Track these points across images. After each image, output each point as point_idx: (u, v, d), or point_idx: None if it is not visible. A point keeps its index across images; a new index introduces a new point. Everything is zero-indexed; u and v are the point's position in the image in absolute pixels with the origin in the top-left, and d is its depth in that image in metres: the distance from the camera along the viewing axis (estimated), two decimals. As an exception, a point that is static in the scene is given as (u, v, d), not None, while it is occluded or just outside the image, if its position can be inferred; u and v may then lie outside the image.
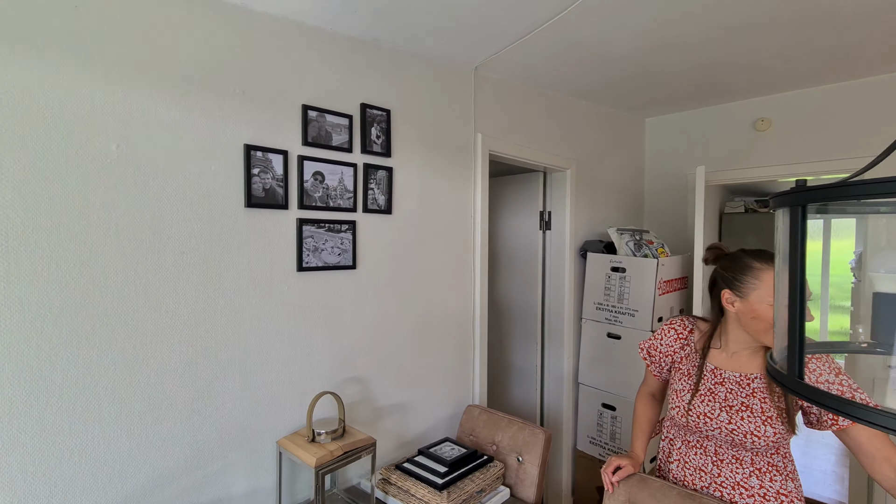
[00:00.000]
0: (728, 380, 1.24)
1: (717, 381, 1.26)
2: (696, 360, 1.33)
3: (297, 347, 1.66)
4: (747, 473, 1.23)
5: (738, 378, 1.22)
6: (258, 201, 1.54)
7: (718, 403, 1.23)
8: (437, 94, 2.06)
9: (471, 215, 2.21)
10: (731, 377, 1.23)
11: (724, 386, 1.24)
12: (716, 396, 1.24)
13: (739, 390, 1.21)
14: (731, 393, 1.22)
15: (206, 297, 1.46)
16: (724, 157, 2.96)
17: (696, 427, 1.27)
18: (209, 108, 1.45)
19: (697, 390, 1.28)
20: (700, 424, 1.26)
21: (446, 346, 2.12)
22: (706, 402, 1.25)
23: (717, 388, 1.25)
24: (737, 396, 1.21)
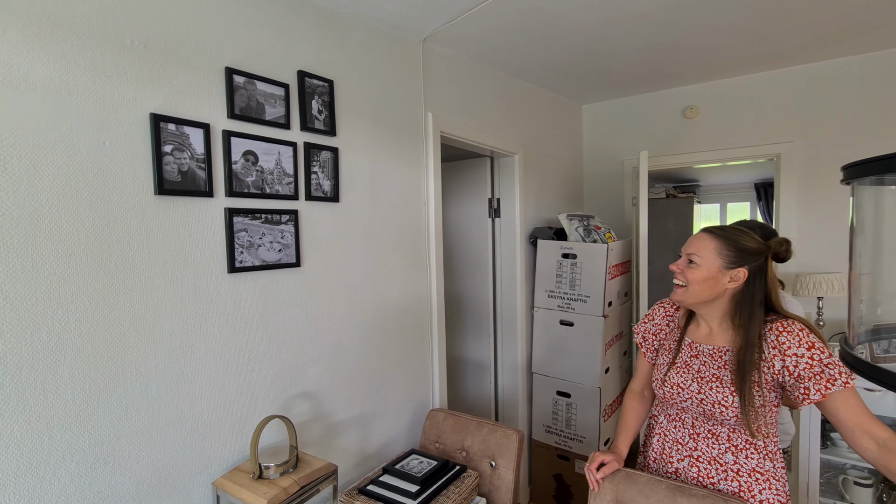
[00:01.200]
0: (703, 353, 1.23)
1: (692, 354, 1.25)
2: (677, 336, 1.32)
3: (233, 365, 1.35)
4: (723, 449, 1.21)
5: (712, 350, 1.22)
6: (173, 187, 1.21)
7: (692, 375, 1.22)
8: (384, 66, 1.80)
9: (424, 202, 2.00)
10: (705, 350, 1.23)
11: (698, 359, 1.23)
12: (690, 368, 1.24)
13: (712, 362, 1.20)
14: (704, 365, 1.22)
15: (105, 312, 1.11)
16: (656, 143, 3.03)
17: (671, 398, 1.26)
18: (99, 64, 1.09)
19: (674, 363, 1.27)
20: (674, 395, 1.25)
21: (403, 347, 1.90)
22: (681, 373, 1.25)
23: (692, 360, 1.24)
24: (709, 368, 1.20)
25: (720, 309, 1.21)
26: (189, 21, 1.25)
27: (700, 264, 1.17)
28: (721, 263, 1.15)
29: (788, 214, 2.61)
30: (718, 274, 1.16)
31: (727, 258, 1.15)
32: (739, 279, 1.15)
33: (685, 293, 1.20)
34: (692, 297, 1.19)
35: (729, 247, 1.15)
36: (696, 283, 1.17)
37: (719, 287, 1.17)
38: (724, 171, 4.53)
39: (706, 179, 5.04)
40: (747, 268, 1.15)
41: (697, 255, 1.18)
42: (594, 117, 3.26)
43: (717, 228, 1.21)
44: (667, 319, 1.38)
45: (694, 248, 1.19)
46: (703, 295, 1.18)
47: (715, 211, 5.50)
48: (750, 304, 1.15)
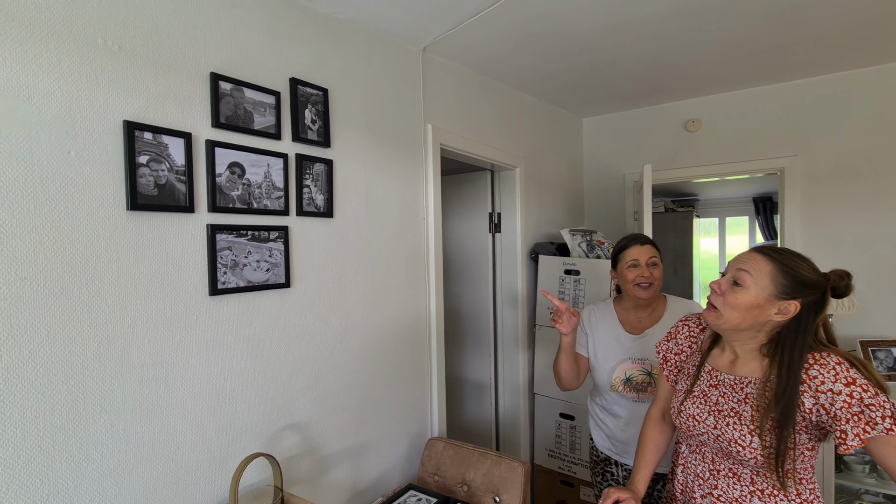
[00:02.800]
0: (723, 382, 1.08)
1: (711, 383, 1.10)
2: (696, 360, 1.18)
3: (213, 397, 1.21)
4: (745, 493, 1.06)
5: (733, 381, 1.06)
6: (149, 201, 1.08)
7: (709, 406, 1.08)
8: (382, 75, 1.69)
9: (423, 217, 1.88)
10: (726, 380, 1.07)
11: (717, 389, 1.08)
12: (707, 399, 1.09)
13: (732, 394, 1.05)
14: (723, 396, 1.06)
15: (65, 342, 0.96)
16: (657, 157, 2.93)
17: (687, 430, 1.13)
18: (65, 65, 0.97)
19: (692, 391, 1.13)
20: (690, 427, 1.11)
21: (400, 370, 1.76)
22: (697, 404, 1.10)
23: (710, 390, 1.09)
24: (728, 401, 1.05)
25: (755, 340, 1.04)
26: (170, 21, 1.13)
27: (748, 288, 0.98)
28: (772, 291, 0.97)
29: (793, 230, 2.51)
30: (766, 303, 0.97)
31: (781, 287, 0.96)
32: (789, 313, 0.96)
33: (719, 318, 1.02)
34: (728, 324, 1.02)
35: (785, 274, 0.97)
36: (738, 309, 0.99)
37: (763, 317, 0.99)
38: (722, 186, 4.46)
39: (705, 194, 4.97)
40: (800, 301, 0.96)
41: (749, 275, 0.99)
42: (594, 131, 3.17)
43: (773, 250, 1.01)
44: (690, 340, 1.24)
45: (746, 266, 1.00)
46: (742, 323, 1.00)
47: (714, 225, 5.41)
48: (793, 343, 0.97)
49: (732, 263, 1.04)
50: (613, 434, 1.57)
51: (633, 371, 1.50)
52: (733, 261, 1.05)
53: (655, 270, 1.49)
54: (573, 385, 1.57)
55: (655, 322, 1.52)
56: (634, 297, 1.50)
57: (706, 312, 1.06)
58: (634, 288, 1.49)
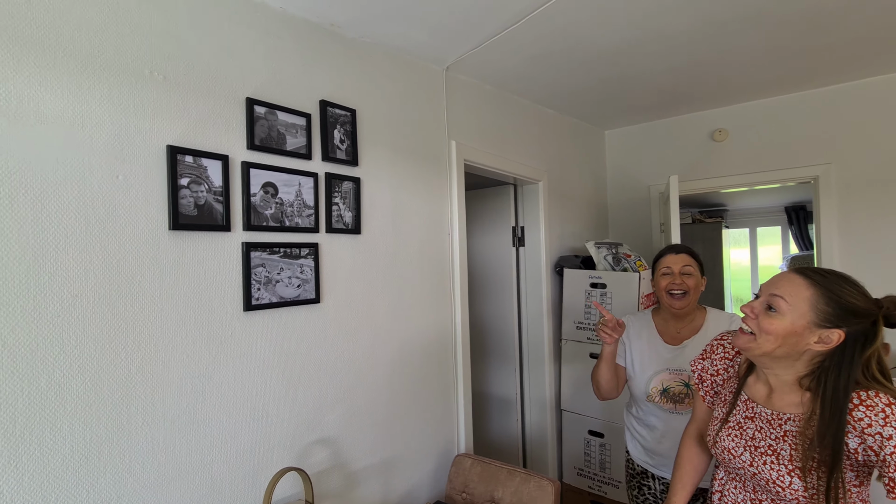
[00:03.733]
0: (759, 415, 0.99)
1: (748, 414, 1.02)
2: (734, 386, 1.11)
3: (247, 411, 1.23)
4: None
5: (770, 416, 0.97)
6: (189, 221, 1.13)
7: (744, 440, 1.00)
8: (407, 95, 1.74)
9: (448, 232, 1.90)
10: (762, 413, 0.99)
11: (753, 422, 1.00)
12: (743, 432, 1.01)
13: (769, 430, 0.97)
14: (759, 431, 0.99)
15: (111, 356, 1.01)
16: (683, 168, 2.89)
17: (722, 461, 1.06)
18: (115, 95, 1.03)
19: (727, 421, 1.06)
20: (726, 460, 1.04)
21: (427, 385, 1.76)
22: (732, 436, 1.03)
23: (746, 422, 1.02)
24: (765, 437, 0.97)
25: (792, 370, 0.94)
26: (210, 51, 1.19)
27: (784, 314, 0.89)
28: (812, 319, 0.87)
29: (830, 240, 2.42)
30: (805, 330, 0.88)
31: (822, 314, 0.87)
32: (831, 342, 0.87)
33: (752, 343, 0.94)
34: (759, 350, 0.93)
35: (829, 300, 0.87)
36: (773, 335, 0.90)
37: (801, 346, 0.89)
38: (752, 195, 4.34)
39: (734, 204, 4.84)
40: (845, 330, 0.86)
41: (784, 300, 0.89)
42: (617, 143, 3.15)
43: (815, 272, 0.91)
44: (726, 362, 1.17)
45: (781, 290, 0.91)
46: (777, 351, 0.92)
47: (744, 236, 5.25)
48: (836, 376, 0.87)
49: (767, 286, 0.96)
50: (650, 446, 1.54)
51: (671, 382, 1.47)
52: (769, 282, 0.96)
53: (689, 280, 1.46)
54: (612, 395, 1.56)
55: (694, 333, 1.49)
56: (668, 305, 1.48)
57: (737, 338, 0.97)
58: (667, 296, 1.47)
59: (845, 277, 0.90)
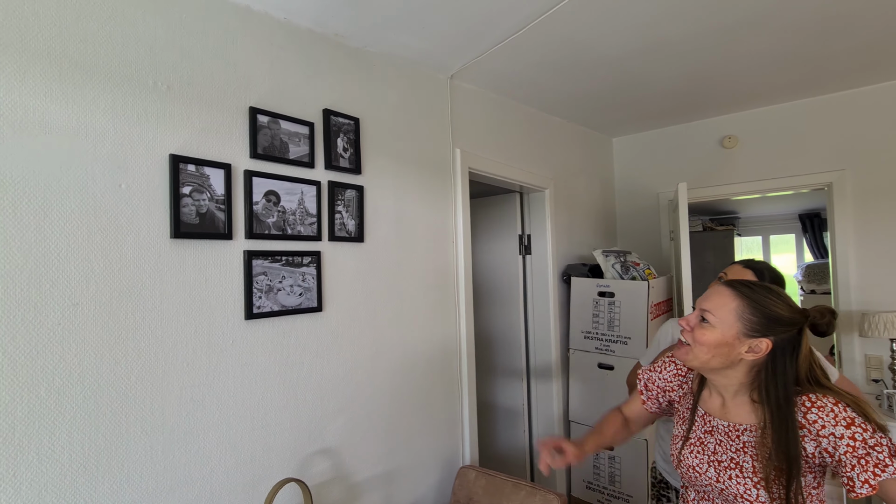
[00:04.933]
0: (717, 429, 1.01)
1: (706, 429, 1.04)
2: (689, 403, 1.12)
3: (247, 420, 1.23)
4: None
5: (727, 428, 1.00)
6: (191, 230, 1.13)
7: (707, 456, 1.02)
8: (411, 103, 1.74)
9: (452, 241, 1.88)
10: (720, 426, 1.01)
11: (713, 436, 1.02)
12: (705, 447, 1.03)
13: (729, 443, 0.99)
14: (720, 445, 1.00)
15: (111, 365, 1.01)
16: (692, 175, 2.85)
17: (690, 480, 1.07)
18: (119, 105, 1.04)
19: (688, 438, 1.06)
20: (692, 477, 1.05)
21: (431, 395, 1.74)
22: (695, 453, 1.04)
23: (706, 437, 1.03)
24: (726, 450, 0.99)
25: (734, 380, 0.98)
26: (214, 61, 1.21)
27: (714, 325, 0.94)
28: (740, 329, 0.93)
29: (845, 247, 2.36)
30: (735, 340, 0.93)
31: (749, 324, 0.93)
32: (760, 351, 0.92)
33: (689, 354, 0.98)
34: (696, 361, 0.97)
35: (754, 311, 0.93)
36: (705, 346, 0.95)
37: (733, 356, 0.94)
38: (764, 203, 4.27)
39: (746, 211, 4.76)
40: (772, 339, 0.92)
41: (713, 313, 0.95)
42: (625, 150, 3.13)
43: (744, 285, 0.98)
44: (679, 379, 1.16)
45: (710, 304, 0.97)
46: (711, 361, 0.96)
47: (757, 244, 5.16)
48: (774, 383, 0.92)
49: (701, 300, 1.01)
50: None
51: None
52: (702, 297, 1.02)
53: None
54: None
55: None
56: None
57: (677, 350, 1.02)
58: None
59: (771, 289, 0.95)
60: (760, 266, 1.42)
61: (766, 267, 1.43)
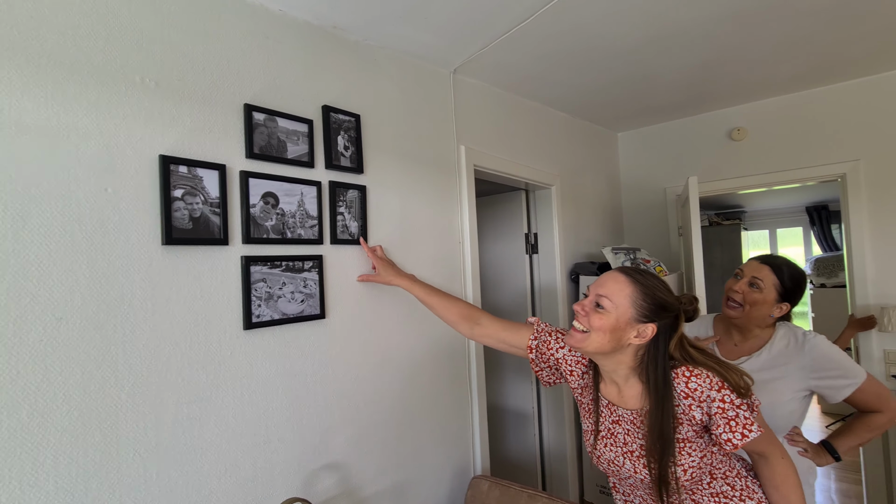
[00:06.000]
0: (623, 418, 1.01)
1: (613, 418, 1.03)
2: (591, 395, 1.09)
3: (248, 437, 1.15)
4: None
5: (631, 416, 1.00)
6: (183, 235, 1.05)
7: (619, 449, 1.02)
8: (413, 99, 1.66)
9: (458, 241, 1.81)
10: (624, 415, 1.01)
11: (620, 425, 1.02)
12: (616, 439, 1.02)
13: (635, 431, 0.99)
14: (628, 435, 1.00)
15: (99, 382, 0.93)
16: (700, 169, 2.77)
17: (612, 474, 1.06)
18: (103, 104, 0.96)
19: (598, 431, 1.06)
20: (613, 472, 1.05)
21: (439, 403, 1.66)
22: (609, 447, 1.03)
23: (615, 427, 1.03)
24: (634, 438, 0.99)
25: (623, 364, 0.99)
26: (206, 56, 1.13)
27: (609, 311, 0.95)
28: (633, 314, 0.94)
29: (860, 240, 2.28)
30: (627, 326, 0.95)
31: (641, 310, 0.94)
32: (646, 336, 0.95)
33: (584, 340, 0.97)
34: (591, 346, 0.97)
35: (646, 297, 0.94)
36: (601, 331, 0.95)
37: (623, 340, 0.96)
38: (771, 196, 4.18)
39: (752, 205, 4.68)
40: (657, 324, 0.95)
41: (609, 299, 0.95)
42: (631, 145, 3.05)
43: (637, 272, 0.98)
44: (582, 367, 1.12)
45: (606, 290, 0.97)
46: (605, 346, 0.96)
47: (764, 238, 5.07)
48: (655, 364, 0.95)
49: (595, 286, 1.00)
50: None
51: None
52: (596, 282, 1.00)
53: (754, 293, 1.27)
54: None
55: (753, 351, 1.31)
56: (724, 311, 1.35)
57: (569, 336, 1.01)
58: (725, 301, 1.34)
59: (656, 276, 0.99)
60: (779, 262, 1.34)
61: (785, 263, 1.34)
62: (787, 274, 1.30)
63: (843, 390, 1.21)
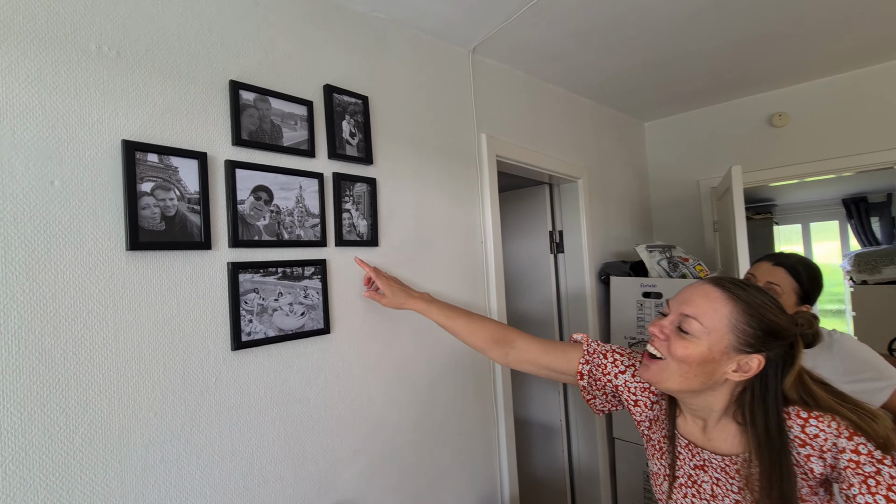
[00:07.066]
0: (710, 463, 0.78)
1: (696, 463, 0.80)
2: (665, 429, 0.85)
3: (238, 478, 0.94)
4: None
5: (723, 463, 0.76)
6: (154, 238, 0.84)
7: (705, 501, 0.78)
8: (428, 80, 1.44)
9: (480, 240, 1.58)
10: (711, 460, 0.77)
11: (706, 472, 0.79)
12: (700, 489, 0.79)
13: (728, 481, 0.76)
14: (718, 485, 0.77)
15: (45, 427, 0.73)
16: (737, 159, 2.50)
17: None
18: (48, 76, 0.76)
19: (675, 477, 0.83)
20: None
21: (462, 421, 1.44)
22: (690, 497, 0.80)
23: (698, 474, 0.80)
24: (726, 491, 0.76)
25: (714, 405, 0.75)
26: (180, 23, 0.92)
27: (698, 337, 0.71)
28: (731, 342, 0.70)
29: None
30: (722, 357, 0.70)
31: (743, 336, 0.70)
32: (750, 371, 0.70)
33: (661, 373, 0.73)
34: (671, 382, 0.73)
35: (751, 319, 0.69)
36: (686, 363, 0.71)
37: (717, 375, 0.71)
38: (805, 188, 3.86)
39: (783, 198, 4.35)
40: (765, 355, 0.70)
41: (698, 320, 0.71)
42: (659, 136, 2.78)
43: (735, 284, 0.73)
44: (650, 395, 0.88)
45: (695, 308, 0.72)
46: (691, 382, 0.72)
47: (796, 232, 4.74)
48: (763, 409, 0.71)
49: (679, 302, 0.75)
50: None
51: None
52: (680, 297, 0.75)
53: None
54: None
55: None
56: None
57: (645, 368, 0.76)
58: None
59: (763, 291, 0.74)
60: (793, 261, 1.13)
61: (799, 261, 1.14)
62: (805, 274, 1.11)
63: (880, 394, 1.04)
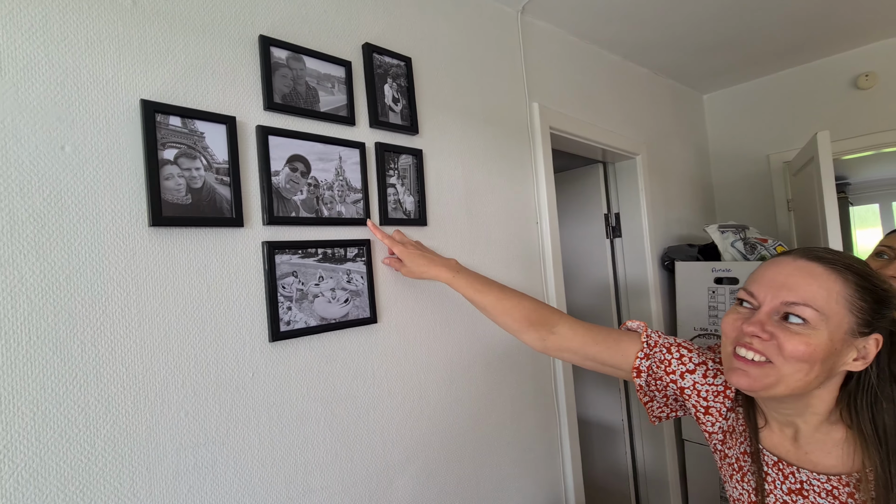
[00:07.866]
0: (810, 486, 0.61)
1: (791, 486, 0.62)
2: (745, 443, 0.68)
3: (279, 486, 0.81)
4: None
5: (827, 487, 0.59)
6: (180, 213, 0.72)
7: None
8: (474, 43, 1.28)
9: (535, 221, 1.40)
10: (814, 482, 0.60)
11: (805, 496, 0.61)
12: None
13: None
14: None
15: (62, 426, 0.62)
16: (817, 127, 2.19)
17: None
18: (55, 27, 0.65)
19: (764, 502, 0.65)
20: None
21: (522, 420, 1.27)
22: None
23: (795, 500, 0.62)
24: None
25: (820, 404, 0.60)
26: (204, -29, 0.80)
27: (816, 327, 0.55)
28: (851, 324, 0.55)
29: None
30: (843, 345, 0.55)
31: (861, 315, 0.55)
32: (870, 356, 0.56)
33: (767, 378, 0.57)
34: (782, 388, 0.56)
35: (864, 293, 0.55)
36: (808, 362, 0.54)
37: (836, 369, 0.57)
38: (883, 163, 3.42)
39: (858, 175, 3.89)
40: (881, 334, 0.56)
41: (811, 306, 0.55)
42: (720, 108, 2.50)
43: (831, 254, 0.58)
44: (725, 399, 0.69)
45: (801, 293, 0.56)
46: (809, 384, 0.56)
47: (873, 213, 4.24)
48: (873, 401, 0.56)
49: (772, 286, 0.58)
50: None
51: None
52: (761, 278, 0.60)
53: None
54: None
55: None
56: None
57: (738, 374, 0.59)
58: None
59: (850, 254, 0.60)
60: None
61: None
62: None
63: None
